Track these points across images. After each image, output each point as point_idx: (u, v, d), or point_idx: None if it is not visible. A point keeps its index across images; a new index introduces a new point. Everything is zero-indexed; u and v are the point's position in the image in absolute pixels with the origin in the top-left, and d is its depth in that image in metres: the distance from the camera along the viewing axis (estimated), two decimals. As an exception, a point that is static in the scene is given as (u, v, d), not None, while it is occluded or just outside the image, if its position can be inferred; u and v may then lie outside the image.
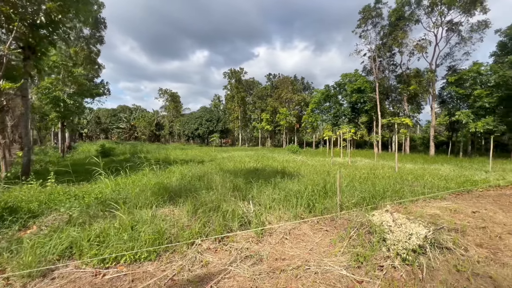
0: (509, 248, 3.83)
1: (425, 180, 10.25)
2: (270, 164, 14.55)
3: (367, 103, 34.85)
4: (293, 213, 5.19)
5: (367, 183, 7.80)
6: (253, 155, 20.96)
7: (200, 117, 58.01)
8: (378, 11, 30.56)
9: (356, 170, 12.29)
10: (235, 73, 55.94)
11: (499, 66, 23.12)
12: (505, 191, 8.82)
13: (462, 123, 24.67)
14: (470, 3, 24.13)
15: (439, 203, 6.90)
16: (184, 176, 9.02)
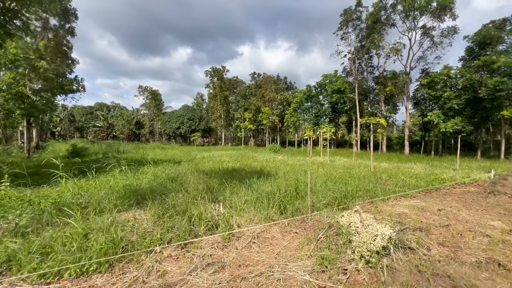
0: (469, 246, 3.93)
1: (398, 178, 10.58)
2: (249, 164, 14.40)
3: (346, 103, 35.77)
4: (264, 215, 5.06)
5: (341, 183, 7.87)
6: (234, 155, 20.72)
7: (181, 116, 56.67)
8: (358, 14, 31.43)
9: (333, 169, 12.46)
10: (217, 71, 55.16)
11: (467, 70, 24.61)
12: (469, 188, 9.29)
13: (434, 124, 26.00)
14: (440, 10, 25.50)
15: (409, 201, 7.09)
16: (157, 177, 8.64)
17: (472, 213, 6.05)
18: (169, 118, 58.13)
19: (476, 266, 3.35)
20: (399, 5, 27.65)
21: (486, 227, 4.98)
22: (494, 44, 24.41)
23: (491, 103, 22.51)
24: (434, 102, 27.46)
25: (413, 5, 26.12)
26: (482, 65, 22.81)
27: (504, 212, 6.17)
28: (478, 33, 25.54)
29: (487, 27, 25.75)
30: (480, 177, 11.49)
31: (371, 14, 29.64)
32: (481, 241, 4.17)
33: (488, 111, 23.11)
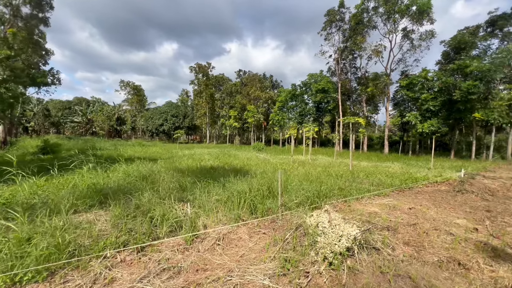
0: (432, 245, 3.96)
1: (375, 177, 10.76)
2: (230, 162, 14.16)
3: (330, 103, 36.31)
4: (234, 216, 4.88)
5: (317, 182, 7.84)
6: (216, 153, 20.38)
7: (165, 112, 55.23)
8: (341, 15, 31.90)
9: (313, 168, 12.49)
10: (202, 68, 54.16)
11: (443, 73, 25.64)
12: (441, 187, 9.60)
13: (412, 124, 26.94)
14: (419, 14, 26.42)
15: (382, 200, 7.18)
16: (128, 175, 8.21)
17: (440, 211, 6.20)
18: (152, 115, 56.44)
19: (438, 266, 3.35)
20: (380, 7, 28.34)
21: (451, 225, 5.09)
22: (468, 49, 25.61)
23: (464, 106, 23.60)
24: (412, 104, 28.46)
25: (393, 9, 26.87)
26: (457, 69, 23.85)
27: (470, 210, 6.38)
28: (453, 38, 26.67)
29: (462, 32, 26.97)
30: (451, 176, 11.94)
31: (354, 15, 30.18)
32: (445, 239, 4.22)
33: (461, 113, 24.23)
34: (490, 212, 6.15)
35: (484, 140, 28.27)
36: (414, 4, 26.23)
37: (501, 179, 12.29)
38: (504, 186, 10.27)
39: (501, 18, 26.05)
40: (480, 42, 26.19)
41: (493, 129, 25.53)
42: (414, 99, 27.20)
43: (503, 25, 26.10)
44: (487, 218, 5.64)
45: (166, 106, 58.04)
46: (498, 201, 7.27)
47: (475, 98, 22.63)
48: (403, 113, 29.06)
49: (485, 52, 25.16)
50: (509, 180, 12.04)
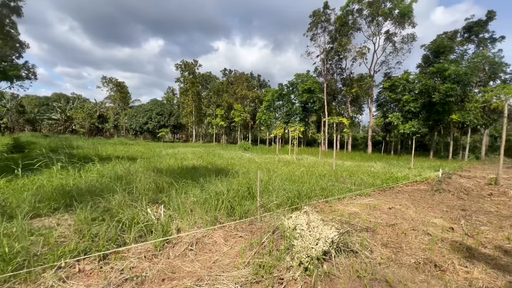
0: (410, 246, 3.92)
1: (357, 177, 10.86)
2: (213, 161, 13.86)
3: (316, 103, 36.70)
4: (211, 218, 4.65)
5: (300, 182, 7.75)
6: (200, 152, 19.96)
7: (150, 110, 53.71)
8: (326, 16, 32.27)
9: (297, 168, 12.45)
10: (188, 65, 53.13)
11: (423, 75, 26.55)
12: (420, 186, 9.82)
13: (394, 125, 27.70)
14: (401, 17, 27.24)
15: (363, 200, 7.19)
16: (102, 176, 7.75)
17: (419, 210, 6.27)
18: (136, 113, 54.68)
19: (415, 268, 3.29)
20: (364, 10, 28.95)
21: (429, 224, 5.13)
22: (447, 53, 26.65)
23: (443, 107, 24.54)
24: (395, 105, 29.28)
25: (377, 11, 27.51)
26: (436, 72, 24.75)
27: (447, 209, 6.50)
28: (433, 42, 27.68)
29: (441, 37, 28.05)
30: (430, 175, 12.29)
31: (339, 17, 30.64)
32: (422, 240, 4.21)
33: (440, 115, 25.17)
34: (465, 211, 6.29)
35: (461, 141, 29.57)
36: (397, 8, 27.00)
37: (475, 178, 12.82)
38: (478, 185, 10.67)
39: (476, 25, 27.32)
40: (458, 47, 27.34)
41: (469, 131, 26.74)
42: (396, 100, 27.98)
43: (478, 31, 27.38)
44: (462, 217, 5.75)
45: (150, 104, 56.43)
46: (472, 200, 7.49)
47: (452, 101, 23.57)
48: (386, 114, 29.85)
49: (462, 57, 26.28)
50: (482, 179, 12.57)
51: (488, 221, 5.50)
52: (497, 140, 34.33)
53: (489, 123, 25.49)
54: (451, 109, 24.43)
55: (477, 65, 23.35)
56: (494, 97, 11.73)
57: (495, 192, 8.80)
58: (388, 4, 27.45)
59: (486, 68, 24.46)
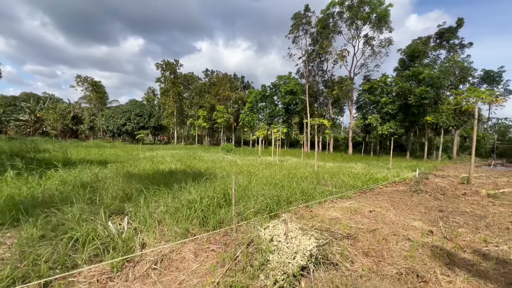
0: (391, 254, 3.76)
1: (338, 179, 10.83)
2: (193, 165, 13.32)
3: (298, 104, 37.03)
4: (182, 230, 4.24)
5: (280, 186, 7.50)
6: (180, 155, 19.25)
7: (128, 111, 51.52)
8: (307, 19, 32.72)
9: (279, 170, 12.25)
10: (169, 65, 51.66)
11: (400, 78, 27.60)
12: (399, 187, 9.96)
13: (373, 126, 28.51)
14: (379, 21, 28.23)
15: (345, 202, 7.07)
16: (65, 183, 7.04)
17: (399, 213, 6.23)
18: (113, 114, 52.19)
19: (397, 279, 3.11)
20: (344, 13, 29.69)
21: (409, 228, 5.05)
22: (421, 58, 27.91)
23: (418, 109, 25.59)
24: (373, 107, 30.17)
25: (356, 15, 28.30)
26: (411, 75, 25.79)
27: (425, 210, 6.52)
28: (409, 47, 28.90)
29: (415, 42, 29.37)
30: (408, 176, 12.59)
31: (320, 20, 31.16)
32: (403, 246, 4.08)
33: (416, 116, 26.23)
34: (442, 212, 6.33)
35: (434, 141, 31.03)
36: (374, 12, 27.91)
37: (449, 178, 13.31)
38: (452, 184, 11.03)
39: (447, 31, 28.88)
40: (431, 52, 28.71)
41: (442, 132, 28.10)
42: (375, 102, 28.83)
43: (449, 37, 28.95)
44: (440, 219, 5.77)
45: (129, 104, 54.17)
46: (448, 200, 7.63)
47: (427, 103, 24.63)
48: (366, 116, 30.67)
49: (435, 61, 27.61)
50: (455, 178, 13.07)
51: (464, 222, 5.54)
52: (466, 140, 36.46)
53: (459, 124, 26.95)
54: (425, 111, 25.52)
55: (449, 70, 24.59)
56: (464, 99, 12.19)
57: (468, 191, 9.08)
58: (366, 8, 28.29)
59: (457, 72, 25.85)
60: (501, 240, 4.52)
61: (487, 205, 7.12)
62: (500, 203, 7.48)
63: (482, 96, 10.58)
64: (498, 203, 7.47)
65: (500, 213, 6.37)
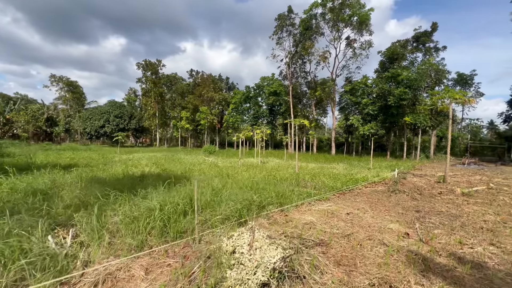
0: (365, 262, 3.49)
1: (318, 180, 10.66)
2: (170, 168, 12.70)
3: (282, 105, 37.07)
4: (138, 242, 3.76)
5: (256, 188, 7.16)
6: (158, 157, 18.46)
7: (107, 113, 49.37)
8: (291, 20, 32.88)
9: (259, 172, 11.92)
10: (151, 65, 50.11)
11: (380, 80, 28.27)
12: (378, 187, 9.92)
13: (355, 127, 28.97)
14: (360, 24, 28.86)
15: (322, 205, 6.83)
16: (16, 191, 6.30)
17: (376, 214, 6.06)
18: (91, 115, 49.78)
19: (369, 292, 2.83)
20: (327, 15, 30.10)
21: (385, 231, 4.85)
22: (400, 60, 28.79)
23: (397, 110, 26.28)
24: (355, 108, 30.71)
25: (338, 17, 28.76)
26: (391, 76, 26.50)
27: (402, 211, 6.41)
28: (388, 49, 29.74)
29: (394, 45, 30.29)
30: (387, 175, 12.67)
31: (303, 20, 31.36)
32: (378, 252, 3.84)
33: (395, 117, 26.93)
34: (419, 212, 6.24)
35: (413, 141, 32.05)
36: (355, 15, 28.49)
37: (426, 177, 13.57)
38: (429, 183, 11.19)
39: (423, 35, 30.01)
40: (409, 54, 29.69)
41: (420, 132, 29.05)
42: (356, 103, 29.33)
43: (425, 41, 30.09)
44: (417, 220, 5.65)
45: (108, 105, 51.93)
46: (425, 200, 7.60)
47: (405, 104, 25.33)
48: (348, 117, 31.13)
49: (412, 63, 28.55)
50: (432, 177, 13.33)
51: (440, 223, 5.44)
52: (442, 140, 38.03)
53: (436, 124, 27.97)
54: (404, 112, 26.25)
55: (425, 72, 25.47)
56: (439, 100, 12.44)
57: (444, 190, 9.18)
58: (347, 11, 28.79)
59: (432, 75, 26.84)
60: (476, 241, 4.41)
61: (461, 204, 7.15)
62: (474, 201, 7.55)
63: (456, 96, 10.83)
64: (472, 201, 7.54)
65: (474, 211, 6.37)
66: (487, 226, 5.31)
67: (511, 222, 5.64)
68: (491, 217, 5.99)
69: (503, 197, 8.21)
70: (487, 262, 3.65)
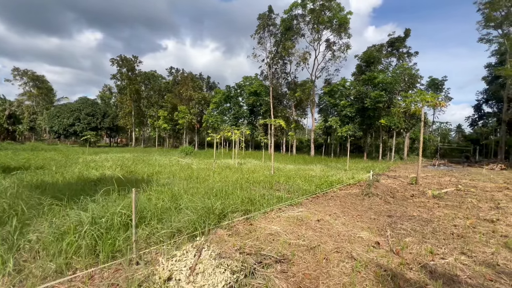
0: (329, 282, 3.04)
1: (293, 182, 10.30)
2: (137, 170, 11.75)
3: (262, 106, 36.78)
4: (58, 266, 3.04)
5: (224, 194, 6.59)
6: (129, 159, 17.27)
7: (77, 110, 46.23)
8: (272, 20, 32.65)
9: (233, 174, 11.34)
10: (126, 61, 47.68)
11: (357, 83, 28.85)
12: (352, 189, 9.73)
13: (333, 128, 29.28)
14: (339, 26, 29.28)
15: (293, 210, 6.41)
16: None
17: (348, 220, 5.73)
18: (58, 113, 46.31)
19: (329, 323, 2.36)
20: (307, 16, 30.23)
21: (355, 240, 4.49)
22: (376, 64, 29.58)
23: (373, 112, 26.89)
24: (334, 109, 31.10)
25: (318, 19, 28.95)
26: (367, 79, 27.10)
27: (375, 216, 6.14)
28: (365, 52, 30.48)
29: (371, 49, 31.12)
30: (362, 177, 12.62)
31: (283, 20, 31.21)
32: (344, 267, 3.42)
33: (371, 119, 27.56)
34: (391, 218, 6.00)
35: (388, 143, 33.07)
36: (335, 17, 28.84)
37: (400, 178, 13.74)
38: (402, 185, 11.23)
39: (397, 40, 31.13)
40: (384, 59, 30.60)
41: (394, 134, 30.00)
42: (334, 105, 29.69)
43: (398, 46, 31.23)
44: (388, 226, 5.37)
45: (79, 102, 48.65)
46: (397, 203, 7.44)
47: (381, 106, 25.97)
48: (327, 118, 31.44)
49: (387, 68, 29.45)
50: (405, 179, 13.52)
51: (412, 229, 5.19)
52: (415, 142, 39.71)
53: (409, 127, 29.00)
54: (380, 114, 26.92)
55: (399, 76, 26.31)
56: (412, 102, 12.59)
57: (416, 192, 9.16)
58: (327, 13, 29.03)
59: (406, 79, 27.81)
60: (447, 250, 4.15)
61: (432, 207, 7.05)
62: (444, 204, 7.51)
63: (428, 99, 10.97)
64: (443, 204, 7.50)
65: (444, 216, 6.25)
66: (457, 231, 5.13)
67: (479, 226, 5.54)
68: (461, 221, 5.87)
69: (471, 199, 8.29)
70: (459, 276, 3.35)
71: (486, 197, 8.78)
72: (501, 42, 27.00)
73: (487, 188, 11.01)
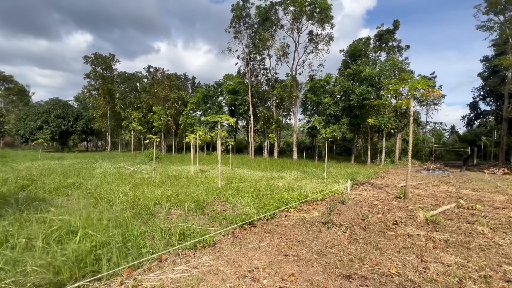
0: None
1: (239, 199, 7.57)
2: (38, 185, 8.83)
3: (242, 105, 34.09)
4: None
5: (124, 226, 3.78)
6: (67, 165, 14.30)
7: (46, 112, 42.73)
8: (247, 11, 29.94)
9: (162, 189, 8.51)
10: (101, 58, 44.44)
11: (342, 79, 26.34)
12: (314, 210, 7.02)
13: (318, 129, 26.63)
14: (320, 13, 26.66)
15: (196, 259, 3.69)
16: None
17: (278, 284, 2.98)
18: (25, 115, 42.73)
19: None
20: (283, 5, 27.55)
21: None
22: (362, 57, 27.18)
23: (360, 111, 24.40)
24: (317, 108, 28.48)
25: (295, 3, 26.19)
26: (353, 73, 24.66)
27: (322, 277, 3.40)
28: (351, 46, 28.12)
29: (356, 42, 28.76)
30: (337, 189, 9.96)
31: (258, 7, 28.26)
32: None
33: (358, 118, 25.04)
34: (350, 282, 3.26)
35: (378, 145, 30.60)
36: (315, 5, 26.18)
37: (386, 188, 11.08)
38: (386, 200, 8.57)
39: (386, 33, 28.88)
40: (372, 53, 28.26)
41: (384, 135, 27.55)
42: (318, 103, 27.12)
43: (388, 39, 28.98)
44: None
45: (49, 104, 45.09)
46: (369, 242, 4.69)
47: (368, 103, 23.50)
48: (310, 118, 28.86)
49: (375, 62, 27.07)
50: (393, 189, 10.92)
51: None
52: (408, 144, 37.40)
53: (400, 127, 26.56)
54: (368, 113, 24.46)
55: (389, 69, 23.96)
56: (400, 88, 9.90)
57: (403, 215, 6.48)
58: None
59: (397, 74, 25.48)
60: None
61: (425, 250, 4.34)
62: (443, 239, 4.83)
63: (419, 86, 8.40)
64: (441, 239, 4.81)
65: (445, 272, 3.53)
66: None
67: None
68: (475, 287, 3.18)
69: (481, 226, 5.66)
70: None
71: (501, 221, 6.16)
72: (502, 30, 24.53)
73: (497, 202, 8.43)
